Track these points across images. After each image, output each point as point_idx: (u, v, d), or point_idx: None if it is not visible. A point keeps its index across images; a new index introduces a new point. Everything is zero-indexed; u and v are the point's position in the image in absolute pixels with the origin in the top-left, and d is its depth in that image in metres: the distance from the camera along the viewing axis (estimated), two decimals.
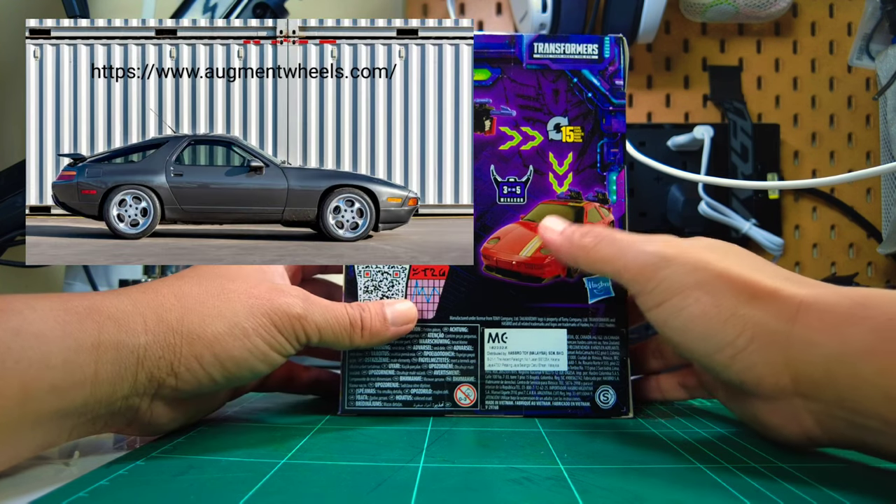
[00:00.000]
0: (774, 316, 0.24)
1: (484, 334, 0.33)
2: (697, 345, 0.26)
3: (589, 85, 0.33)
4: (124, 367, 0.24)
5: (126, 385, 0.24)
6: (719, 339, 0.25)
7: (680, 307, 0.26)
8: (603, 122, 0.34)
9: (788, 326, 0.24)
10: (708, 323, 0.25)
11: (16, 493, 0.21)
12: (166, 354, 0.25)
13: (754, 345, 0.24)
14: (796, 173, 0.67)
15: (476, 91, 0.34)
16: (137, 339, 0.25)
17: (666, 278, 0.26)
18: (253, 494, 0.21)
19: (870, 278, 0.67)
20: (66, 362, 0.22)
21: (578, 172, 0.33)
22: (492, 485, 0.22)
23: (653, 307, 0.27)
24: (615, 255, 0.28)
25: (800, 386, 0.24)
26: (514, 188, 0.34)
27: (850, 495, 0.21)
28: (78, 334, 0.23)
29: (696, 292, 0.25)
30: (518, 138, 0.34)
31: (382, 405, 0.33)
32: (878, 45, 0.57)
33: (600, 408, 0.33)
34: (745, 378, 0.25)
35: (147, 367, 0.25)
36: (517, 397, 0.33)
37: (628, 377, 0.33)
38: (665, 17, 0.59)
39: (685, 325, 0.26)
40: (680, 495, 0.21)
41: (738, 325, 0.24)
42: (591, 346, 0.33)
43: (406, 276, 0.34)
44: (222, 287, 0.28)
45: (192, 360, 0.26)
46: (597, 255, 0.29)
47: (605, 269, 0.29)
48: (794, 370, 0.24)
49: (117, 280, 0.59)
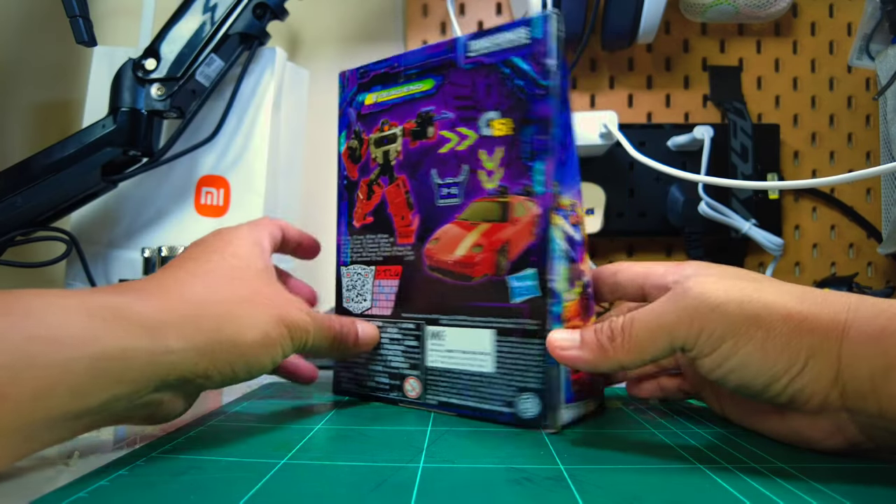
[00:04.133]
0: (823, 335, 0.24)
1: (426, 331, 0.34)
2: (755, 380, 0.25)
3: (519, 72, 0.32)
4: (154, 371, 0.24)
5: (152, 385, 0.24)
6: (777, 369, 0.25)
7: (733, 350, 0.25)
8: (531, 108, 0.31)
9: (837, 344, 0.24)
10: (765, 357, 0.25)
11: (16, 493, 0.21)
12: (202, 361, 0.26)
13: (808, 367, 0.24)
14: (796, 173, 0.68)
15: (421, 101, 0.35)
16: (169, 347, 0.24)
17: (715, 328, 0.25)
18: (253, 494, 0.21)
19: (870, 278, 0.67)
20: (90, 369, 0.22)
21: (508, 166, 0.32)
22: (492, 485, 0.22)
23: (703, 356, 0.26)
24: (656, 334, 0.26)
25: (847, 400, 0.24)
26: (450, 189, 0.34)
27: (851, 495, 0.21)
28: (105, 341, 0.22)
29: (749, 330, 0.25)
30: (455, 139, 0.34)
31: (356, 388, 0.37)
32: (878, 45, 0.57)
33: (520, 416, 0.31)
34: (797, 398, 0.25)
35: (180, 369, 0.25)
36: (451, 395, 0.33)
37: (557, 387, 0.30)
38: (665, 17, 0.59)
39: (741, 365, 0.25)
40: (680, 495, 0.21)
41: (794, 353, 0.24)
42: (515, 349, 0.31)
43: (372, 277, 0.37)
44: (250, 290, 0.29)
45: (226, 366, 0.27)
46: (639, 347, 0.26)
47: (654, 353, 0.26)
48: (842, 385, 0.24)
49: (117, 280, 0.59)
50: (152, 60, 0.53)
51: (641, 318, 0.26)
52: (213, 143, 0.58)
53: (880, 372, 0.23)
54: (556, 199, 0.30)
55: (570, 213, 0.32)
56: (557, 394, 0.30)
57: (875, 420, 0.24)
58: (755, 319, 0.25)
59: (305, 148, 0.69)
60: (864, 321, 0.24)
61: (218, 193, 0.60)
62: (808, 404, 0.25)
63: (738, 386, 0.26)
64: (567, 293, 0.31)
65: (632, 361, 0.27)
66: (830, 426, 0.25)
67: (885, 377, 0.23)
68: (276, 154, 0.62)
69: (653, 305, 0.27)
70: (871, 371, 0.23)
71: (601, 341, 0.27)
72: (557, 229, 0.30)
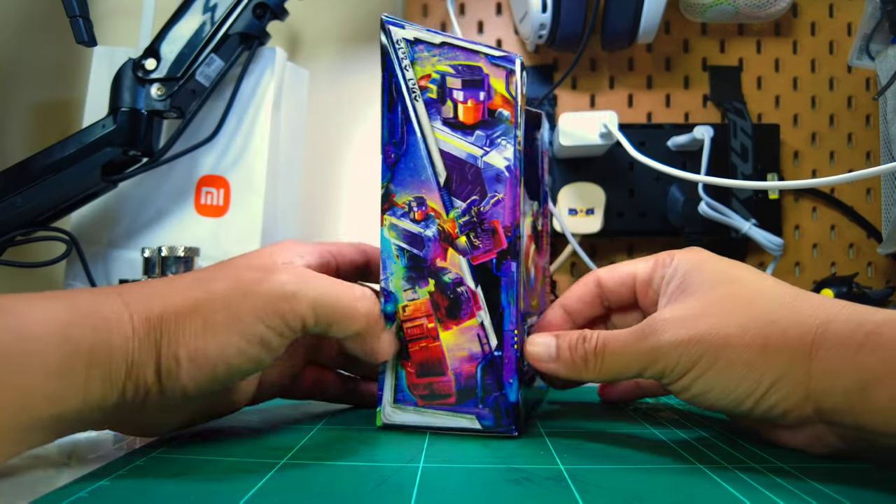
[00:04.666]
0: (789, 357, 0.24)
1: None
2: (721, 402, 0.26)
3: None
4: (115, 375, 0.23)
5: (115, 393, 0.23)
6: (739, 392, 0.25)
7: (695, 378, 0.26)
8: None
9: (806, 363, 0.24)
10: (726, 382, 0.25)
11: (16, 493, 0.21)
12: (151, 359, 0.23)
13: (775, 387, 0.25)
14: (796, 173, 0.67)
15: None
16: (126, 345, 0.23)
17: (677, 363, 0.26)
18: (253, 494, 0.21)
19: (870, 278, 0.67)
20: (61, 369, 0.21)
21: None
22: (492, 485, 0.22)
23: (671, 383, 0.27)
24: (626, 363, 0.27)
25: (823, 414, 0.24)
26: None
27: (850, 495, 0.21)
28: (77, 338, 0.22)
29: (709, 359, 0.25)
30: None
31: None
32: (878, 45, 0.57)
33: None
34: (771, 415, 0.25)
35: (134, 375, 0.23)
36: None
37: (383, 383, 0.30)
38: (665, 17, 0.59)
39: (706, 390, 0.26)
40: (680, 495, 0.21)
41: (756, 376, 0.25)
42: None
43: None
44: (212, 276, 0.26)
45: (172, 361, 0.23)
46: (611, 372, 0.28)
47: (624, 377, 0.28)
48: (815, 401, 0.24)
49: (117, 280, 0.59)
50: (152, 60, 0.53)
51: (612, 347, 0.27)
52: (213, 143, 0.57)
53: (856, 388, 0.23)
54: (388, 199, 0.30)
55: (415, 210, 0.30)
56: (382, 391, 0.31)
57: (854, 432, 0.24)
58: (716, 350, 0.25)
59: (305, 148, 0.69)
60: (837, 338, 0.24)
61: (218, 193, 0.60)
62: (785, 419, 0.25)
63: (708, 407, 0.27)
64: (407, 292, 0.30)
65: (606, 381, 0.29)
66: (810, 437, 0.26)
67: (862, 393, 0.23)
68: (276, 154, 0.62)
69: (625, 335, 0.27)
70: (846, 388, 0.23)
71: (575, 360, 0.28)
72: (388, 229, 0.30)
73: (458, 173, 0.30)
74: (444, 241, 0.30)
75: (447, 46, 0.30)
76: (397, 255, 0.30)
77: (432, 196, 0.30)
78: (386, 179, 0.31)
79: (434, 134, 0.30)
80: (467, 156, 0.30)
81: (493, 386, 0.29)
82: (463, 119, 0.30)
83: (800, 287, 0.27)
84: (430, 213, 0.30)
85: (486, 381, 0.29)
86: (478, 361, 0.30)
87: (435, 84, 0.30)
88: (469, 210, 0.30)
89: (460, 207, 0.30)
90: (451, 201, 0.30)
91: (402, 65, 0.30)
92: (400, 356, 0.30)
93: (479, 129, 0.30)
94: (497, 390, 0.29)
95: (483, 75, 0.30)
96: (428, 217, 0.30)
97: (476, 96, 0.30)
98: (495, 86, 0.30)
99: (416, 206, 0.30)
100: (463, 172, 0.30)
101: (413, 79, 0.30)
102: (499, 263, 0.30)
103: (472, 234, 0.30)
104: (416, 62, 0.30)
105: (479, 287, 0.30)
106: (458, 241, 0.30)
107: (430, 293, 0.30)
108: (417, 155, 0.30)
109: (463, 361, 0.30)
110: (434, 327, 0.30)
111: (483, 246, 0.30)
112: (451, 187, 0.30)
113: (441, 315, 0.30)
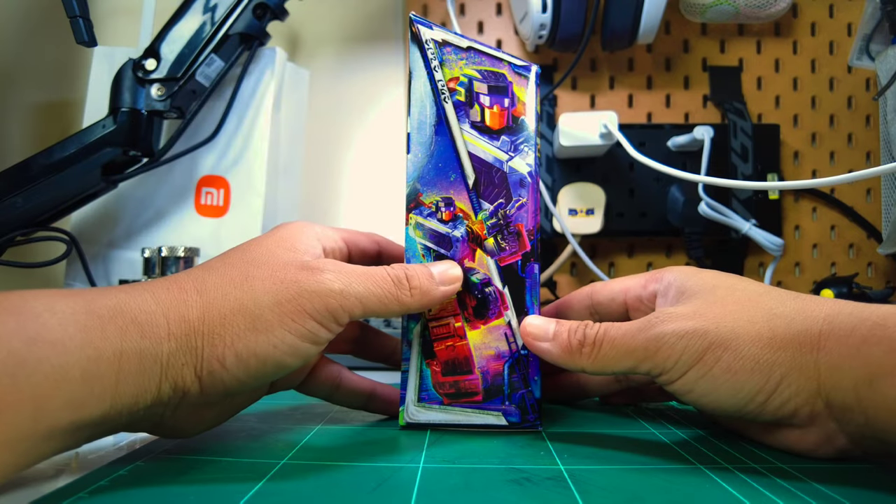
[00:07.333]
0: (796, 350, 0.24)
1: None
2: (728, 402, 0.25)
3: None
4: (148, 377, 0.22)
5: (149, 396, 0.23)
6: (749, 388, 0.24)
7: (700, 374, 0.25)
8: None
9: (814, 356, 0.24)
10: (734, 378, 0.24)
11: (16, 493, 0.21)
12: (189, 360, 0.23)
13: (785, 382, 0.24)
14: (796, 173, 0.68)
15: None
16: (161, 347, 0.23)
17: (679, 357, 0.25)
18: (253, 494, 0.21)
19: (870, 278, 0.67)
20: (84, 373, 0.20)
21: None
22: (492, 485, 0.22)
23: (672, 381, 0.26)
24: (623, 354, 0.26)
25: (834, 411, 0.24)
26: None
27: (850, 495, 0.21)
28: (99, 342, 0.21)
29: (715, 352, 0.25)
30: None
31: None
32: (878, 45, 0.57)
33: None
34: (781, 414, 0.25)
35: (171, 376, 0.23)
36: None
37: (406, 382, 0.30)
38: (665, 18, 0.59)
39: (711, 388, 0.25)
40: (680, 496, 0.21)
41: (765, 370, 0.24)
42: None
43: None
44: (246, 274, 0.25)
45: (215, 363, 0.24)
46: (604, 361, 0.27)
47: (616, 369, 0.27)
48: (826, 396, 0.24)
49: (117, 280, 0.59)
50: (152, 60, 0.53)
51: (612, 336, 0.27)
52: (213, 143, 0.58)
53: (863, 382, 0.23)
54: (415, 198, 0.31)
55: (442, 210, 0.31)
56: (405, 390, 0.31)
57: (863, 430, 0.24)
58: (721, 344, 0.24)
59: (305, 148, 0.69)
60: (842, 332, 0.24)
61: (218, 193, 0.60)
62: (796, 418, 0.25)
63: (714, 409, 0.26)
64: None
65: (594, 372, 0.27)
66: (819, 438, 0.25)
67: (869, 386, 0.22)
68: (276, 154, 0.62)
69: (627, 326, 0.27)
70: (854, 381, 0.23)
71: (571, 344, 0.28)
72: (413, 227, 0.30)
73: (486, 176, 0.31)
74: (472, 242, 0.31)
75: (473, 51, 0.31)
76: (423, 255, 0.30)
77: (461, 197, 0.31)
78: (412, 179, 0.31)
79: (463, 136, 0.31)
80: (494, 160, 0.31)
81: (519, 384, 0.30)
82: (489, 123, 0.31)
83: (800, 287, 0.27)
84: (459, 213, 0.31)
85: (512, 378, 0.30)
86: (505, 360, 0.30)
87: (463, 87, 0.31)
88: (496, 212, 0.31)
89: (488, 210, 0.31)
90: (479, 203, 0.31)
91: (432, 65, 0.31)
92: (425, 355, 0.30)
93: (505, 134, 0.31)
94: (524, 387, 0.30)
95: (507, 82, 0.31)
96: (456, 218, 0.31)
97: (501, 102, 0.31)
98: (518, 93, 0.31)
99: (443, 206, 0.31)
100: (490, 176, 0.31)
101: (442, 80, 0.31)
102: (523, 265, 0.30)
103: (499, 236, 0.30)
104: (444, 64, 0.31)
105: (507, 287, 0.30)
106: (486, 243, 0.31)
107: (458, 293, 0.30)
108: (446, 156, 0.31)
109: (490, 360, 0.30)
110: (461, 326, 0.30)
111: (509, 248, 0.30)
112: (479, 190, 0.31)
113: (468, 314, 0.30)
